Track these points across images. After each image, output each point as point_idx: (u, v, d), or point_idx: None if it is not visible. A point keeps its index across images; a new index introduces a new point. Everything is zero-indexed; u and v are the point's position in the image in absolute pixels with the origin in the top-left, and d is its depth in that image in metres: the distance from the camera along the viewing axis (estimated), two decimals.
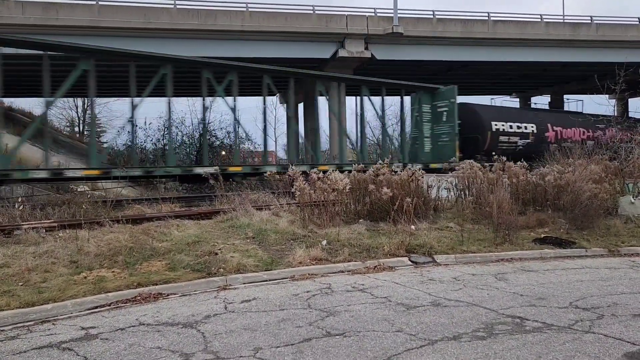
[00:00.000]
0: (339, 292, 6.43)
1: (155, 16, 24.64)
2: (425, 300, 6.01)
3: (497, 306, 5.73)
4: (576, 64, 33.35)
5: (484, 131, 25.61)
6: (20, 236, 8.48)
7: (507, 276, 7.35)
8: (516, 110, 33.23)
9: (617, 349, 4.38)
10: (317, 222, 10.00)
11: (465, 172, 12.84)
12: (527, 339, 4.63)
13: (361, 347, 4.47)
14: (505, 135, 26.79)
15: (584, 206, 10.65)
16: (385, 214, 10.43)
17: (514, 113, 29.88)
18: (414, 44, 29.49)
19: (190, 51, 25.92)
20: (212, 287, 6.75)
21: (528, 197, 12.24)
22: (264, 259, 7.92)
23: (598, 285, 6.77)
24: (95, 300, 6.05)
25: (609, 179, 12.95)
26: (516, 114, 29.74)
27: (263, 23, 26.52)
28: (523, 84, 42.81)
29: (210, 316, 5.47)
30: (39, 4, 23.02)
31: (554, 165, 13.16)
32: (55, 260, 7.32)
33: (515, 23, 30.85)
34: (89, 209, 10.99)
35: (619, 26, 32.66)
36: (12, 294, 6.09)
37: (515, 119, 27.77)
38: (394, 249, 8.63)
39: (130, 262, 7.43)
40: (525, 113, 31.14)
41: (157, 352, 4.45)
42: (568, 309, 5.61)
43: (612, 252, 9.35)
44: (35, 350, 4.55)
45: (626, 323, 5.10)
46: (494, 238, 9.54)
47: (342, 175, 10.53)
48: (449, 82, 38.70)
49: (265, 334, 4.85)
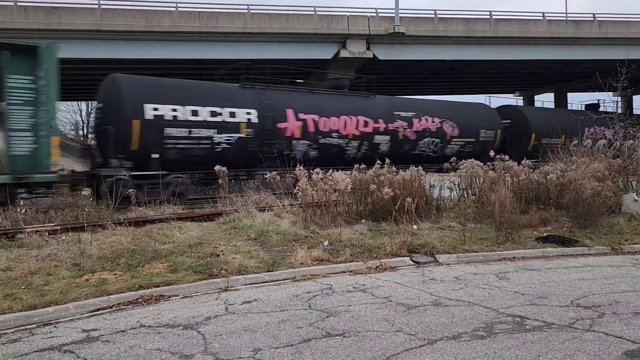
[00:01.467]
0: (339, 293, 6.43)
1: (157, 19, 24.71)
2: (426, 300, 6.01)
3: (498, 305, 5.72)
4: (579, 62, 33.24)
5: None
6: (24, 239, 8.52)
7: (508, 275, 7.34)
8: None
9: (617, 347, 4.37)
10: (319, 223, 10.00)
11: (467, 172, 12.84)
12: (527, 338, 4.62)
13: (360, 347, 4.47)
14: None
15: (587, 204, 10.61)
16: (387, 214, 10.42)
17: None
18: (416, 44, 29.47)
19: (193, 53, 26.06)
20: (214, 289, 6.76)
21: (531, 195, 12.22)
22: (265, 260, 7.93)
23: (600, 284, 6.75)
24: (97, 303, 6.07)
25: (612, 176, 12.91)
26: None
27: (264, 24, 26.56)
28: (526, 83, 42.73)
29: (211, 317, 5.49)
30: (41, 8, 23.13)
31: (557, 163, 13.14)
32: (57, 263, 7.35)
33: (518, 21, 30.77)
34: (91, 211, 11.02)
35: (622, 23, 32.53)
36: (14, 297, 6.12)
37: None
38: (395, 249, 8.62)
39: (132, 264, 7.45)
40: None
41: (157, 353, 4.46)
42: (569, 308, 5.60)
43: (615, 250, 9.31)
44: (36, 353, 4.57)
45: (627, 321, 5.08)
46: (496, 237, 9.52)
47: (343, 176, 10.54)
48: (451, 81, 38.89)
49: (265, 335, 4.86)
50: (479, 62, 32.19)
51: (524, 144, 25.82)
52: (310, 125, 18.19)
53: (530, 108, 29.66)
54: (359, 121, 19.62)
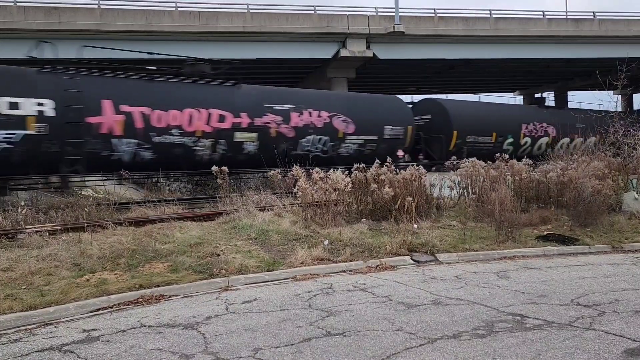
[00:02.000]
0: (340, 292, 6.43)
1: (157, 19, 24.74)
2: (426, 299, 6.01)
3: (498, 304, 5.72)
4: (579, 60, 33.25)
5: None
6: (24, 240, 8.52)
7: (509, 274, 7.33)
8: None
9: (617, 346, 4.37)
10: (319, 222, 10.00)
11: (468, 170, 12.83)
12: (527, 337, 4.62)
13: (361, 347, 4.47)
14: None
15: (587, 203, 10.61)
16: (387, 213, 10.42)
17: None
18: (416, 43, 29.49)
19: (193, 53, 26.00)
20: (214, 288, 6.76)
21: (531, 194, 12.22)
22: (266, 260, 7.93)
23: (600, 282, 6.75)
24: (98, 303, 6.07)
25: (612, 175, 12.90)
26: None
27: (264, 24, 26.57)
28: (526, 81, 42.73)
29: (212, 317, 5.49)
30: (41, 8, 23.15)
31: (557, 161, 13.13)
32: (58, 263, 7.35)
33: (518, 20, 30.78)
34: (92, 212, 11.03)
35: (622, 21, 32.53)
36: (15, 297, 6.12)
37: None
38: (396, 248, 8.62)
39: (132, 264, 7.46)
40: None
41: (158, 353, 4.47)
42: (569, 306, 5.59)
43: (615, 249, 9.31)
44: (37, 353, 4.58)
45: (627, 319, 5.08)
46: (497, 236, 9.52)
47: (343, 175, 10.54)
48: (451, 80, 38.88)
49: (266, 335, 4.86)
50: (479, 61, 32.20)
51: (443, 142, 22.73)
52: (137, 119, 14.80)
53: (454, 102, 25.75)
54: (212, 115, 16.18)
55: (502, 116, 25.42)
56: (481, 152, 21.49)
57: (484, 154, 19.67)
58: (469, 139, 23.26)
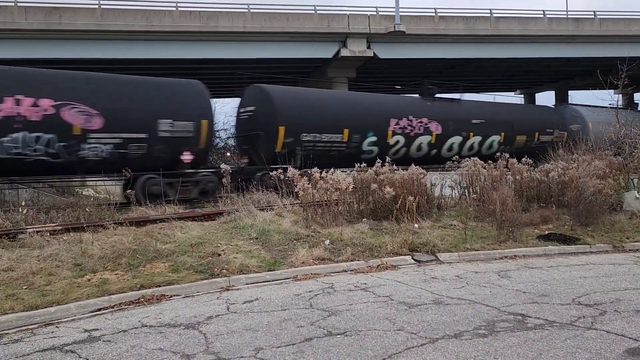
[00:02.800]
0: (341, 292, 6.43)
1: (158, 19, 24.73)
2: (428, 299, 6.01)
3: (499, 304, 5.72)
4: (580, 60, 33.23)
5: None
6: (25, 240, 8.52)
7: (510, 273, 7.33)
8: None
9: (618, 345, 4.36)
10: (320, 222, 10.00)
11: (468, 170, 12.83)
12: (529, 336, 4.62)
13: (362, 346, 4.47)
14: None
15: (588, 202, 10.61)
16: (388, 212, 10.42)
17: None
18: (417, 42, 29.47)
19: (193, 53, 26.08)
20: (215, 288, 6.77)
21: (532, 193, 12.22)
22: (267, 260, 7.94)
23: (601, 282, 6.74)
24: (99, 303, 6.08)
25: (613, 174, 12.90)
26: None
27: (265, 24, 26.57)
28: (527, 81, 42.73)
29: (213, 317, 5.49)
30: (41, 9, 23.15)
31: (558, 161, 13.14)
32: (59, 263, 7.36)
33: (518, 19, 30.76)
34: (93, 212, 11.03)
35: (623, 21, 32.50)
36: (16, 297, 6.13)
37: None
38: (397, 248, 8.62)
39: (133, 264, 7.46)
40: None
41: (159, 353, 4.47)
42: (570, 306, 5.59)
43: (616, 248, 9.31)
44: (38, 353, 4.58)
45: (629, 319, 5.08)
46: (498, 235, 9.51)
47: (344, 175, 10.54)
48: (452, 79, 38.85)
49: (267, 334, 4.86)
50: (480, 61, 32.19)
51: (265, 142, 16.96)
52: None
53: (285, 89, 19.43)
54: None
55: (359, 109, 19.58)
56: (329, 153, 17.78)
57: (336, 157, 17.67)
58: (306, 138, 17.42)
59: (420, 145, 20.96)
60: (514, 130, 23.79)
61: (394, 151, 19.86)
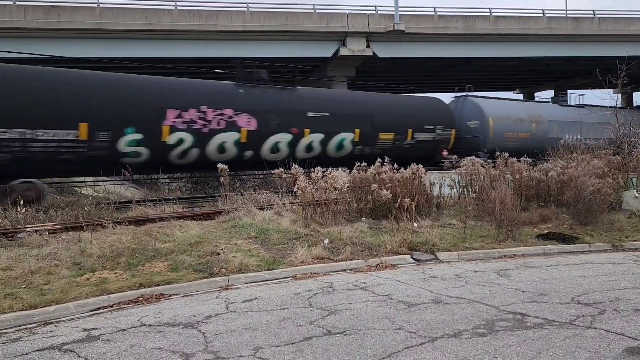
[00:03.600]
0: (340, 291, 6.43)
1: (157, 18, 24.72)
2: (427, 298, 6.00)
3: (499, 303, 5.72)
4: (579, 59, 33.26)
5: None
6: (24, 239, 8.51)
7: (509, 272, 7.33)
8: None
9: (618, 344, 4.36)
10: (319, 221, 10.00)
11: (467, 169, 12.83)
12: (528, 335, 4.62)
13: (361, 345, 4.47)
14: None
15: (587, 201, 10.62)
16: (387, 211, 10.41)
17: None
18: (416, 41, 29.49)
19: (192, 52, 26.05)
20: (214, 287, 6.76)
21: (531, 193, 12.22)
22: (266, 259, 7.93)
23: (601, 281, 6.74)
24: (98, 302, 6.07)
25: (612, 173, 12.91)
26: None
27: (264, 23, 26.57)
28: (526, 80, 42.76)
29: (212, 316, 5.48)
30: (40, 7, 23.13)
31: (557, 160, 13.14)
32: (58, 262, 7.34)
33: (517, 18, 30.77)
34: (92, 211, 11.02)
35: (622, 20, 32.53)
36: (15, 296, 6.12)
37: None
38: (396, 247, 8.62)
39: (132, 264, 7.45)
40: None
41: (158, 352, 4.46)
42: (570, 305, 5.59)
43: (615, 247, 9.31)
44: (37, 352, 4.57)
45: (628, 318, 5.08)
46: (497, 234, 9.51)
47: (342, 174, 10.53)
48: (452, 78, 38.86)
49: (266, 333, 4.85)
50: (479, 60, 32.20)
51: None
52: None
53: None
54: None
55: (109, 95, 14.28)
56: (58, 157, 13.37)
57: (72, 162, 13.54)
58: (6, 135, 12.62)
59: (222, 145, 16.06)
60: (374, 127, 19.02)
61: (177, 153, 15.35)
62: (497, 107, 24.11)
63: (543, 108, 27.59)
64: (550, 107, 28.28)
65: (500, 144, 20.80)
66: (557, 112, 27.01)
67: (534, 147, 20.05)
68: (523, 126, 24.42)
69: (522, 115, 24.74)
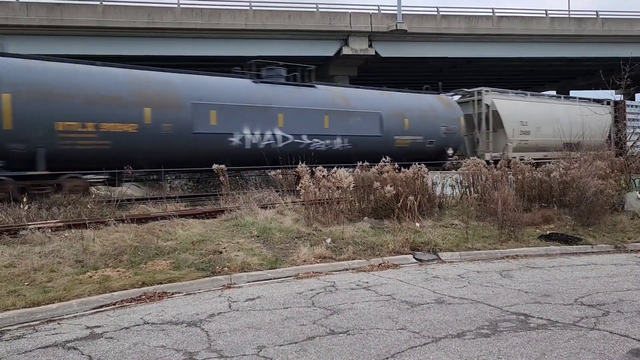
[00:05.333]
0: (343, 290, 6.43)
1: (159, 16, 24.72)
2: (430, 298, 6.00)
3: (502, 303, 5.71)
4: (582, 60, 33.21)
5: None
6: (27, 236, 8.52)
7: (512, 273, 7.32)
8: None
9: (622, 346, 4.35)
10: (321, 220, 9.99)
11: (470, 169, 12.82)
12: (532, 336, 4.61)
13: (365, 345, 4.46)
14: None
15: (590, 202, 10.60)
16: (389, 211, 10.41)
17: None
18: (418, 41, 29.47)
19: (195, 50, 26.05)
20: (217, 286, 6.75)
21: (533, 193, 12.20)
22: (268, 258, 7.93)
23: (604, 282, 6.73)
24: (100, 300, 6.07)
25: (615, 174, 12.89)
26: None
27: (267, 22, 26.55)
28: (529, 80, 42.69)
29: (215, 315, 5.48)
30: (43, 5, 23.14)
31: (560, 161, 13.12)
32: (60, 259, 7.35)
33: (520, 19, 30.73)
34: (94, 208, 11.02)
35: (625, 21, 32.47)
36: (18, 293, 6.12)
37: None
38: (398, 247, 8.61)
39: (135, 261, 7.45)
40: None
41: (161, 350, 4.46)
42: (573, 306, 5.58)
43: (618, 248, 9.30)
44: (40, 350, 4.57)
45: (632, 319, 5.07)
46: (499, 235, 9.50)
47: (346, 173, 10.53)
48: (453, 78, 38.84)
49: (269, 333, 4.85)
50: (481, 60, 32.17)
51: None
52: None
53: None
54: None
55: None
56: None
57: None
58: None
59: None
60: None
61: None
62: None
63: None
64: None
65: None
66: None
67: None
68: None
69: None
